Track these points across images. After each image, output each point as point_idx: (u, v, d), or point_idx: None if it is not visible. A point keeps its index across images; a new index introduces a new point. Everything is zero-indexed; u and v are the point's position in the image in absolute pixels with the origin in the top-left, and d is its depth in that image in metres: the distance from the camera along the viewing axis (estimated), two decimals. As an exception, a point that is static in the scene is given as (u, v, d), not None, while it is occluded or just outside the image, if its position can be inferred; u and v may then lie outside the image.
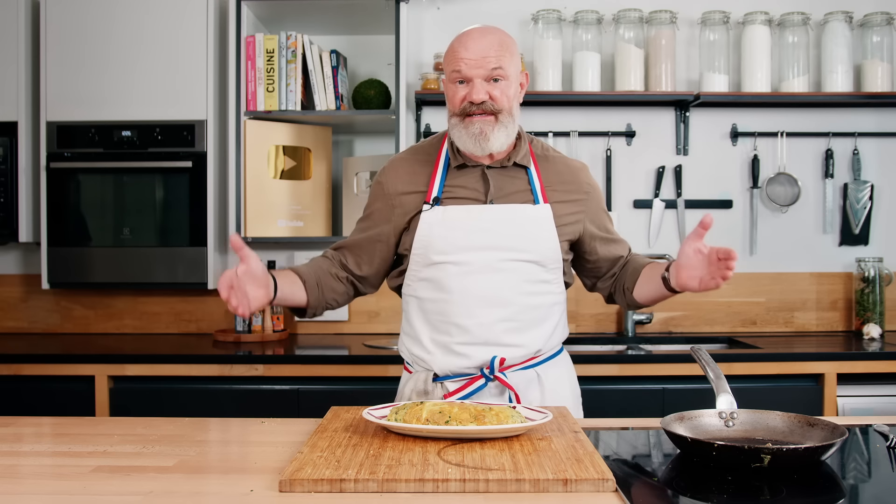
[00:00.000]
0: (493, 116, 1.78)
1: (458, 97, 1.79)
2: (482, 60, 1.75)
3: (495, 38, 1.78)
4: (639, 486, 1.27)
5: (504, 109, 1.79)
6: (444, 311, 1.83)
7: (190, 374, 2.75)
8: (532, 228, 1.84)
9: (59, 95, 3.07)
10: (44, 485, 1.31)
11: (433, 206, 1.83)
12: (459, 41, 1.79)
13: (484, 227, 1.82)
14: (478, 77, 1.76)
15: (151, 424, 1.69)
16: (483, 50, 1.76)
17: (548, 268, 1.86)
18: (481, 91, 1.76)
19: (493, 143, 1.79)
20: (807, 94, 3.24)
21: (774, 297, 3.41)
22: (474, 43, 1.77)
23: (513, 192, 1.86)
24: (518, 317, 1.83)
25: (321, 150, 3.28)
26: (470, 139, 1.79)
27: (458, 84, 1.79)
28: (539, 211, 1.85)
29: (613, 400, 2.73)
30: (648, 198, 3.41)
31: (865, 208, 3.38)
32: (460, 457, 1.34)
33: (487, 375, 1.82)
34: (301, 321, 3.37)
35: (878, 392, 2.80)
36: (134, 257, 3.08)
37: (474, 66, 1.75)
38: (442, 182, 1.86)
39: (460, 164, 1.86)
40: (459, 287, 1.81)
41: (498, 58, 1.76)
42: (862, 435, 1.61)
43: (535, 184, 1.87)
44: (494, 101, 1.77)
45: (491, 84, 1.77)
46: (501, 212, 1.83)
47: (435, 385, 1.87)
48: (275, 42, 3.10)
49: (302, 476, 1.24)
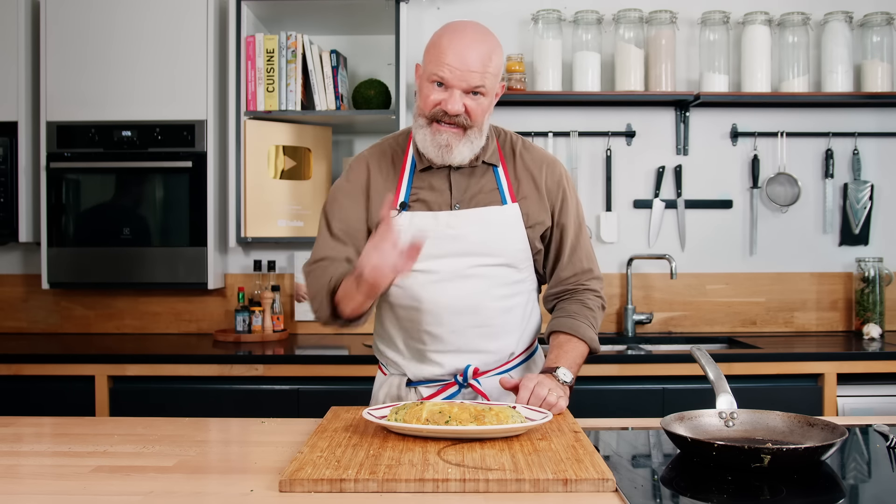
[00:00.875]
0: (462, 129, 1.72)
1: (431, 99, 1.71)
2: (467, 73, 1.67)
3: (485, 51, 1.69)
4: (639, 486, 1.27)
5: (476, 125, 1.73)
6: (415, 318, 1.79)
7: (190, 374, 2.75)
8: (501, 231, 1.79)
9: (59, 95, 3.07)
10: (44, 485, 1.31)
11: (400, 212, 1.78)
12: (449, 42, 1.69)
13: (451, 233, 1.76)
14: (458, 88, 1.68)
15: (151, 424, 1.69)
16: (471, 63, 1.67)
17: (519, 268, 1.83)
18: (458, 103, 1.69)
19: (455, 156, 1.74)
20: (807, 94, 3.24)
21: (774, 297, 3.41)
22: (464, 51, 1.67)
23: (479, 193, 1.80)
24: (490, 322, 1.80)
25: (321, 150, 3.28)
26: (434, 148, 1.74)
27: (436, 86, 1.70)
28: (507, 212, 1.80)
29: (613, 400, 2.73)
30: (648, 198, 3.41)
31: (865, 208, 3.38)
32: (460, 457, 1.34)
33: (461, 383, 1.80)
34: (308, 323, 3.37)
35: (878, 392, 2.80)
36: (134, 257, 3.08)
37: (458, 78, 1.67)
38: (409, 185, 1.81)
39: (426, 166, 1.80)
40: (429, 296, 1.76)
41: (483, 74, 1.68)
42: (862, 435, 1.61)
43: (503, 183, 1.82)
44: (469, 115, 1.70)
45: (469, 97, 1.69)
46: (469, 216, 1.78)
47: (409, 390, 1.86)
48: (275, 42, 3.10)
49: (302, 476, 1.24)
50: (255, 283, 3.30)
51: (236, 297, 3.33)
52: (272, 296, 3.22)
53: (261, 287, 3.26)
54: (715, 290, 3.40)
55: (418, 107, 1.76)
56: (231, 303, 3.38)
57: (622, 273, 3.38)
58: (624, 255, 3.38)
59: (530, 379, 1.70)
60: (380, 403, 1.87)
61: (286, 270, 3.40)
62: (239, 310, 3.21)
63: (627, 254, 3.37)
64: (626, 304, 3.33)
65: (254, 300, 3.22)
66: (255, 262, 3.28)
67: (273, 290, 3.23)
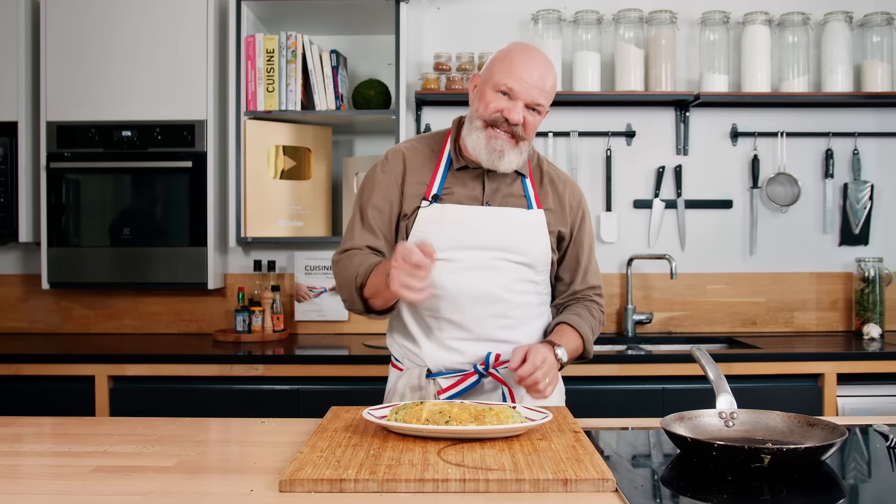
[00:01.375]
0: (515, 140, 1.82)
1: (494, 106, 1.81)
2: (535, 90, 1.79)
3: (551, 73, 1.82)
4: (639, 486, 1.27)
5: (528, 139, 1.84)
6: (436, 307, 1.84)
7: (190, 374, 2.75)
8: (525, 231, 1.88)
9: (59, 95, 3.07)
10: (44, 485, 1.31)
11: (431, 203, 1.87)
12: (522, 58, 1.80)
13: (479, 227, 1.85)
14: (523, 100, 1.79)
15: (151, 424, 1.69)
16: (541, 81, 1.79)
17: (537, 270, 1.91)
18: (520, 114, 1.79)
19: (505, 163, 1.84)
20: (807, 94, 3.24)
21: (774, 297, 3.41)
22: (536, 69, 1.79)
23: (508, 196, 1.90)
24: (509, 313, 1.86)
25: (321, 150, 3.28)
26: (487, 152, 1.83)
27: (501, 95, 1.81)
28: (533, 216, 1.90)
29: (613, 400, 2.73)
30: (648, 198, 3.41)
31: (865, 208, 3.38)
32: (460, 457, 1.34)
33: (481, 371, 1.84)
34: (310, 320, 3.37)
35: (878, 392, 2.80)
36: (134, 257, 3.08)
37: (526, 90, 1.78)
38: (442, 180, 1.89)
39: (462, 166, 1.90)
40: (451, 283, 1.83)
41: (545, 93, 1.81)
42: (862, 435, 1.61)
43: (530, 191, 1.92)
44: (525, 128, 1.81)
45: (529, 112, 1.81)
46: (497, 214, 1.87)
47: (428, 381, 1.88)
48: (275, 42, 3.10)
49: (302, 476, 1.24)
50: (255, 283, 3.30)
51: (236, 297, 3.33)
52: (272, 296, 3.22)
53: (261, 287, 3.26)
54: (715, 290, 3.40)
55: (476, 111, 1.85)
56: (231, 303, 3.38)
57: (622, 273, 3.38)
58: (624, 255, 3.38)
59: (538, 353, 1.73)
60: (398, 396, 1.91)
61: (286, 270, 3.40)
62: (239, 310, 3.21)
63: (627, 254, 3.37)
64: (626, 304, 3.33)
65: (254, 300, 3.23)
66: (255, 262, 3.28)
67: (273, 290, 3.23)
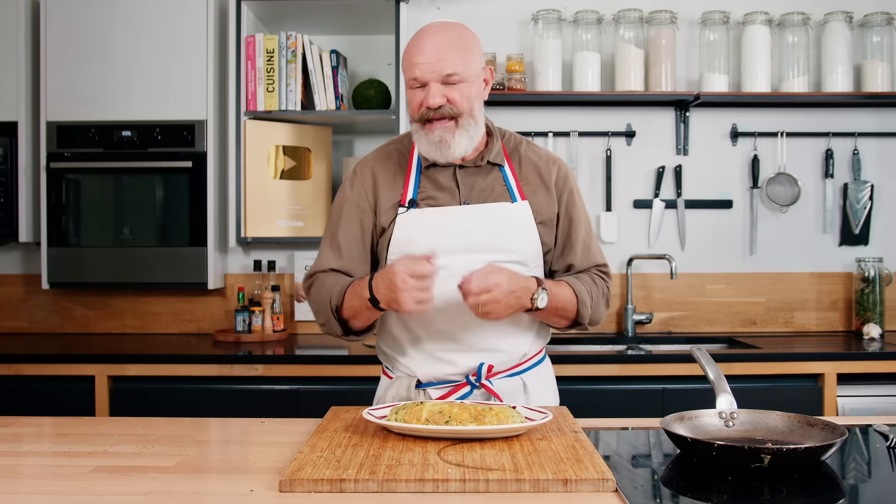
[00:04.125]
0: (454, 121, 1.71)
1: (415, 102, 1.72)
2: (437, 63, 1.67)
3: (450, 37, 1.70)
4: (639, 486, 1.27)
5: (464, 112, 1.71)
6: (425, 316, 1.75)
7: (190, 374, 2.75)
8: (512, 226, 1.78)
9: (59, 95, 3.07)
10: (44, 485, 1.31)
11: (409, 209, 1.77)
12: (414, 43, 1.71)
13: (462, 227, 1.76)
14: (433, 81, 1.68)
15: (151, 424, 1.69)
16: (438, 52, 1.68)
17: (529, 267, 1.80)
18: (437, 95, 1.68)
19: (454, 149, 1.73)
20: (807, 94, 3.24)
21: (774, 297, 3.41)
22: (429, 45, 1.69)
23: (487, 191, 1.80)
24: (503, 320, 1.75)
25: (321, 150, 3.28)
26: (431, 147, 1.74)
27: (417, 89, 1.72)
28: (517, 209, 1.79)
29: (613, 400, 2.73)
30: (648, 198, 3.41)
31: (865, 208, 3.38)
32: (460, 457, 1.34)
33: (473, 383, 1.78)
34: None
35: (878, 392, 2.80)
36: (134, 257, 3.08)
37: (429, 70, 1.68)
38: (416, 183, 1.80)
39: (430, 163, 1.80)
40: (441, 292, 1.69)
41: (453, 60, 1.68)
42: (862, 435, 1.61)
43: (511, 181, 1.81)
44: (453, 104, 1.70)
45: (448, 87, 1.69)
46: (479, 211, 1.77)
47: (418, 392, 1.82)
48: (275, 42, 3.10)
49: (302, 476, 1.24)
50: (255, 283, 3.30)
51: (236, 297, 3.33)
52: (272, 296, 3.22)
53: (261, 287, 3.26)
54: (715, 290, 3.40)
55: (409, 115, 1.77)
56: (231, 303, 3.38)
57: (622, 273, 3.38)
58: (624, 255, 3.38)
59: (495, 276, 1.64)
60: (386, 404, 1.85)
61: (286, 270, 3.40)
62: (239, 310, 3.21)
63: (627, 254, 3.37)
64: (626, 304, 3.33)
65: (254, 300, 3.22)
66: (255, 262, 3.28)
67: (273, 290, 3.23)
